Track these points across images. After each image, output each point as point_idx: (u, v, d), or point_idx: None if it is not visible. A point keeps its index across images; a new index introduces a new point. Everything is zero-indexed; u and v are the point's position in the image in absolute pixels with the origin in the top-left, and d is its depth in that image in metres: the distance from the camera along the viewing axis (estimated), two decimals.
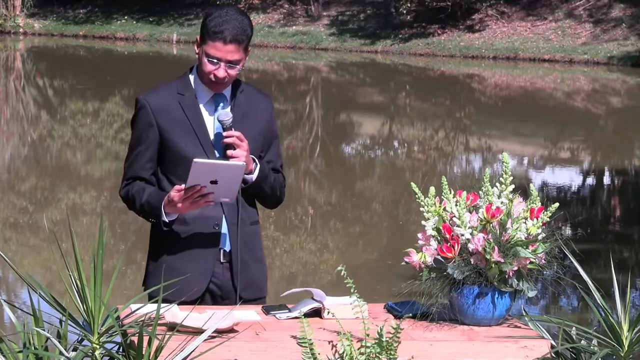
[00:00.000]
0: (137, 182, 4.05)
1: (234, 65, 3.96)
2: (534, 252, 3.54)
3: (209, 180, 3.79)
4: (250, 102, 4.12)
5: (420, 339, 3.45)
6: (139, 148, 4.05)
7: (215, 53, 3.94)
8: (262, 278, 4.18)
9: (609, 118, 22.94)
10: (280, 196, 4.20)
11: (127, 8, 43.06)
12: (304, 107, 22.63)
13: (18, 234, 10.78)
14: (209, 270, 4.03)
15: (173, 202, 3.88)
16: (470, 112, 23.51)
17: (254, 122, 4.09)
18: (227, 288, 4.06)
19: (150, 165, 4.05)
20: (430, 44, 35.39)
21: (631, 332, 3.34)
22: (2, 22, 42.01)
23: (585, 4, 35.55)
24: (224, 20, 3.94)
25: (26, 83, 27.70)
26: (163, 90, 4.08)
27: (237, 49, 3.94)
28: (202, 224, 4.01)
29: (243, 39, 3.95)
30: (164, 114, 4.01)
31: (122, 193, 4.10)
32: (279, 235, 10.82)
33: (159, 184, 4.06)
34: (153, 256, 4.10)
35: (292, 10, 40.14)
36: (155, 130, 4.01)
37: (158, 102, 4.03)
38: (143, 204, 3.99)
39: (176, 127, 4.00)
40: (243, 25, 3.96)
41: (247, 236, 4.08)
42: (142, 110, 4.03)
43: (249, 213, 4.10)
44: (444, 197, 3.62)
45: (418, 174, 14.99)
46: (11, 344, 3.24)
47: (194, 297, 3.94)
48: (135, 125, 4.08)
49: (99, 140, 17.99)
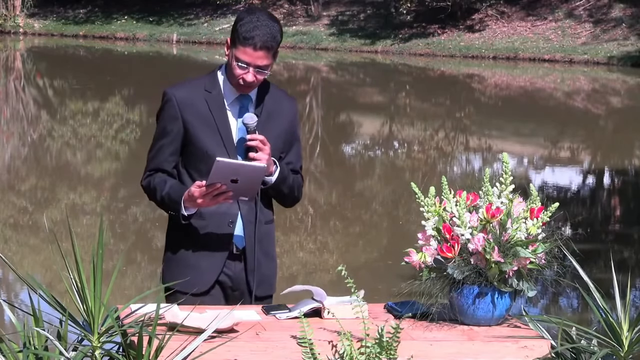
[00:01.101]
0: (159, 173, 4.13)
1: (263, 70, 4.03)
2: (534, 252, 3.54)
3: (230, 179, 3.87)
4: (275, 104, 4.19)
5: (420, 339, 3.45)
6: (163, 140, 4.12)
7: (245, 58, 4.00)
8: (272, 275, 4.27)
9: (609, 118, 22.94)
10: (298, 196, 4.29)
11: (127, 8, 43.06)
12: (304, 107, 22.61)
13: (18, 234, 10.77)
14: (220, 264, 4.10)
15: (193, 197, 3.96)
16: (470, 112, 23.50)
17: (277, 123, 4.16)
18: (238, 280, 4.13)
19: (173, 159, 4.12)
20: (430, 44, 35.38)
21: (631, 332, 3.35)
22: (2, 22, 41.99)
23: (585, 4, 35.55)
24: (255, 26, 4.00)
25: (26, 83, 27.69)
26: (191, 86, 4.14)
27: (266, 55, 4.01)
28: (218, 220, 4.08)
29: (273, 45, 4.02)
30: (190, 108, 4.08)
31: (143, 183, 4.17)
32: (279, 235, 10.80)
33: (180, 177, 4.13)
34: (169, 250, 4.19)
35: (292, 10, 40.14)
36: (180, 124, 4.08)
37: (185, 97, 4.09)
38: (164, 196, 4.07)
39: (200, 123, 4.07)
40: (273, 31, 4.03)
41: (263, 235, 4.16)
42: (169, 103, 4.10)
43: (265, 212, 4.18)
44: (444, 197, 3.62)
45: (418, 174, 14.99)
46: (11, 344, 3.24)
47: (204, 288, 4.04)
48: (160, 118, 4.14)
49: (99, 140, 17.98)
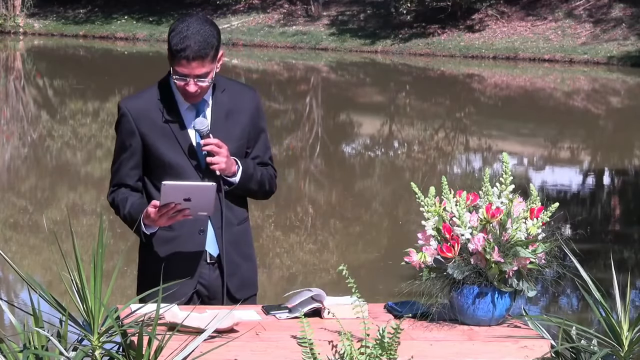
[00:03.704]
0: (122, 189, 4.06)
1: (203, 79, 3.91)
2: (534, 252, 3.54)
3: (182, 198, 3.81)
4: (233, 99, 4.09)
5: (420, 339, 3.45)
6: (123, 155, 4.04)
7: (182, 70, 3.89)
8: (253, 275, 4.19)
9: (609, 118, 22.93)
10: (270, 189, 4.19)
11: (127, 8, 43.04)
12: (304, 107, 22.61)
13: (18, 234, 10.77)
14: (196, 275, 4.03)
15: (150, 217, 3.89)
16: (470, 112, 23.49)
17: (237, 120, 4.07)
18: (213, 288, 4.07)
19: (135, 172, 4.05)
20: (430, 44, 35.37)
21: (631, 332, 3.34)
22: (2, 22, 41.97)
23: (585, 4, 35.54)
24: (185, 36, 3.87)
25: (26, 83, 27.68)
26: (144, 97, 4.06)
27: (202, 63, 3.88)
28: (188, 229, 4.01)
29: (207, 52, 3.88)
30: (146, 120, 4.00)
31: (109, 199, 4.11)
32: (279, 235, 10.82)
33: (146, 190, 4.06)
34: (142, 263, 4.12)
35: (292, 10, 40.11)
36: (137, 138, 4.01)
37: (139, 109, 4.01)
38: (125, 215, 4.02)
39: (158, 135, 3.99)
40: (205, 36, 3.89)
41: (236, 236, 4.08)
42: (124, 117, 4.03)
43: (237, 213, 4.10)
44: (444, 197, 3.62)
45: (418, 174, 14.98)
46: (11, 344, 3.24)
47: (181, 302, 3.91)
48: (118, 132, 4.07)
49: (99, 140, 17.97)
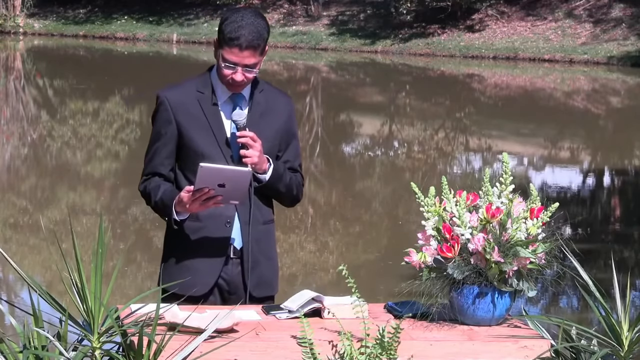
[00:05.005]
0: (154, 178, 4.12)
1: (251, 69, 4.01)
2: (534, 252, 3.54)
3: (217, 183, 3.84)
4: (269, 102, 4.16)
5: (420, 339, 3.45)
6: (158, 144, 4.11)
7: (232, 58, 3.98)
8: (273, 276, 4.23)
9: (609, 118, 22.94)
10: (297, 195, 4.25)
11: (127, 8, 43.06)
12: (304, 107, 22.61)
13: (18, 234, 10.77)
14: (219, 266, 4.08)
15: (183, 202, 3.95)
16: (470, 112, 23.50)
17: (271, 122, 4.13)
18: (234, 283, 4.11)
19: (168, 162, 4.11)
20: (430, 44, 35.39)
21: (631, 332, 3.34)
22: (2, 22, 42.00)
23: (585, 4, 35.55)
24: (240, 25, 3.97)
25: (26, 83, 27.69)
26: (183, 87, 4.14)
27: (253, 53, 3.99)
28: (215, 221, 4.06)
29: (259, 43, 3.99)
30: (183, 110, 4.07)
31: (140, 188, 4.17)
32: (279, 235, 10.80)
33: (177, 180, 4.12)
34: (167, 252, 4.17)
35: (292, 10, 40.13)
36: (173, 127, 4.07)
37: (177, 99, 4.09)
38: (157, 201, 4.07)
39: (194, 125, 4.06)
40: (259, 28, 4.00)
41: (260, 235, 4.13)
42: (162, 106, 4.10)
43: (263, 212, 4.15)
44: (444, 197, 3.62)
45: (418, 174, 14.98)
46: (11, 344, 3.24)
47: (202, 292, 4.01)
48: (155, 121, 4.14)
49: (99, 140, 17.98)
